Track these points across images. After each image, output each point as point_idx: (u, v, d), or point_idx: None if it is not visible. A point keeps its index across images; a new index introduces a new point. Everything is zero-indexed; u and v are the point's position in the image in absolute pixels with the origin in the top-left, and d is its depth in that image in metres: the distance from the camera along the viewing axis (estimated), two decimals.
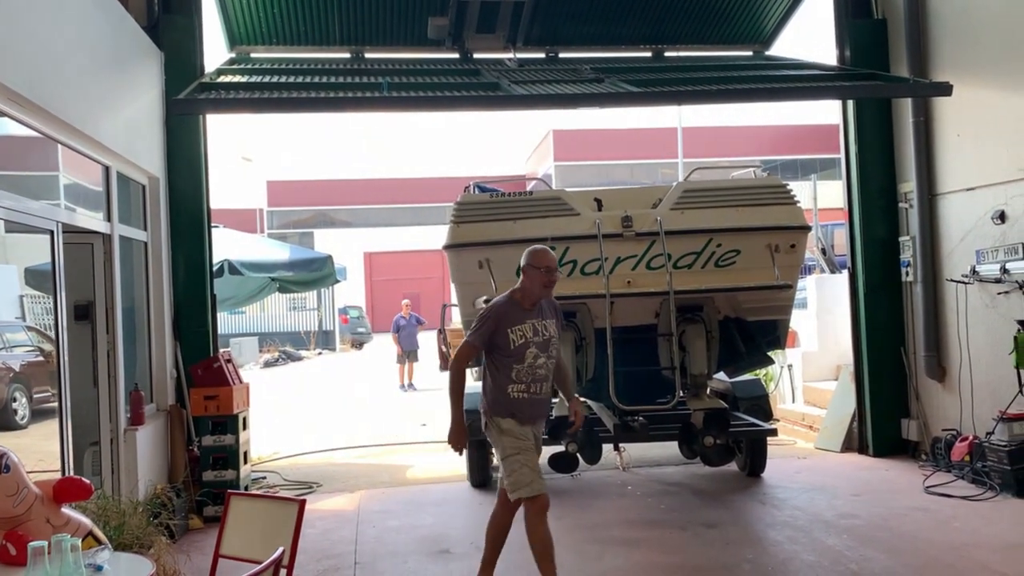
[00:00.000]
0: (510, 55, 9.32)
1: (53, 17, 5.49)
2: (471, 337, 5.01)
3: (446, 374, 15.41)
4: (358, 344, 33.31)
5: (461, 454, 4.54)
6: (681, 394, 6.89)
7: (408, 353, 18.62)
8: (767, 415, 8.29)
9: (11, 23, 4.79)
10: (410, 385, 18.35)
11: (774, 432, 8.16)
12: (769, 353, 8.02)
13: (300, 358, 28.68)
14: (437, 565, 6.04)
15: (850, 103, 9.13)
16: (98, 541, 4.06)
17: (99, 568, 3.62)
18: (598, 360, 7.08)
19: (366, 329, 34.59)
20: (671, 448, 8.62)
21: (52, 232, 5.57)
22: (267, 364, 26.57)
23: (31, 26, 5.10)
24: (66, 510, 4.12)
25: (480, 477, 8.32)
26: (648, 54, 9.98)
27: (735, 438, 7.71)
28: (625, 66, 9.14)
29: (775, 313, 7.27)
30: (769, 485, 7.94)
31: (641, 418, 7.24)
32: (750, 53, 10.16)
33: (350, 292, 34.76)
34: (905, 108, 8.69)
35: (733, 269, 6.89)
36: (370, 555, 6.31)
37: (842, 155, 9.32)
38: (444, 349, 13.99)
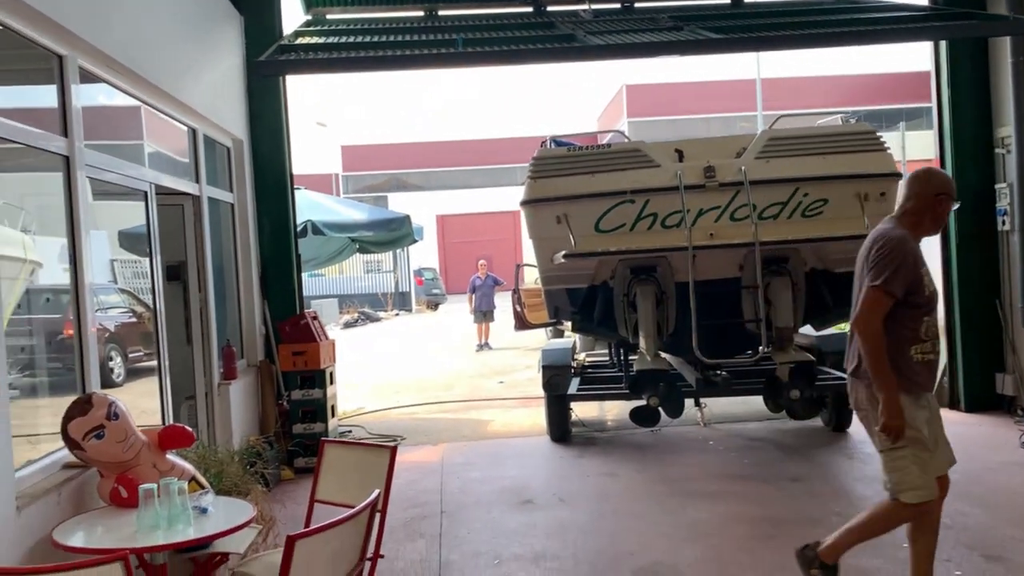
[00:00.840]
0: (584, 7, 9.16)
1: None
2: (885, 283, 3.78)
3: (521, 332, 15.48)
4: (433, 305, 33.69)
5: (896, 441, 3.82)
6: (766, 348, 6.78)
7: (484, 313, 18.77)
8: None
9: None
10: (486, 344, 18.52)
11: None
12: None
13: (378, 319, 29.19)
14: (521, 515, 6.13)
15: (943, 45, 8.73)
16: (201, 486, 4.25)
17: (204, 510, 3.79)
18: (680, 314, 7.01)
19: (440, 290, 34.93)
20: (753, 404, 8.52)
21: (146, 193, 5.76)
22: (347, 325, 27.13)
23: None
24: (171, 456, 4.33)
25: (560, 431, 8.38)
26: (727, 1, 9.68)
27: (821, 392, 7.58)
28: (703, 13, 8.90)
29: None
30: (855, 440, 7.79)
31: (723, 372, 7.17)
32: None
33: (424, 254, 35.09)
34: (1003, 48, 8.24)
35: (820, 219, 6.69)
36: (455, 504, 6.44)
37: (934, 100, 8.94)
38: (518, 309, 14.09)
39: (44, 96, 4.65)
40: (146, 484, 3.69)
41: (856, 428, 8.07)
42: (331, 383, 8.17)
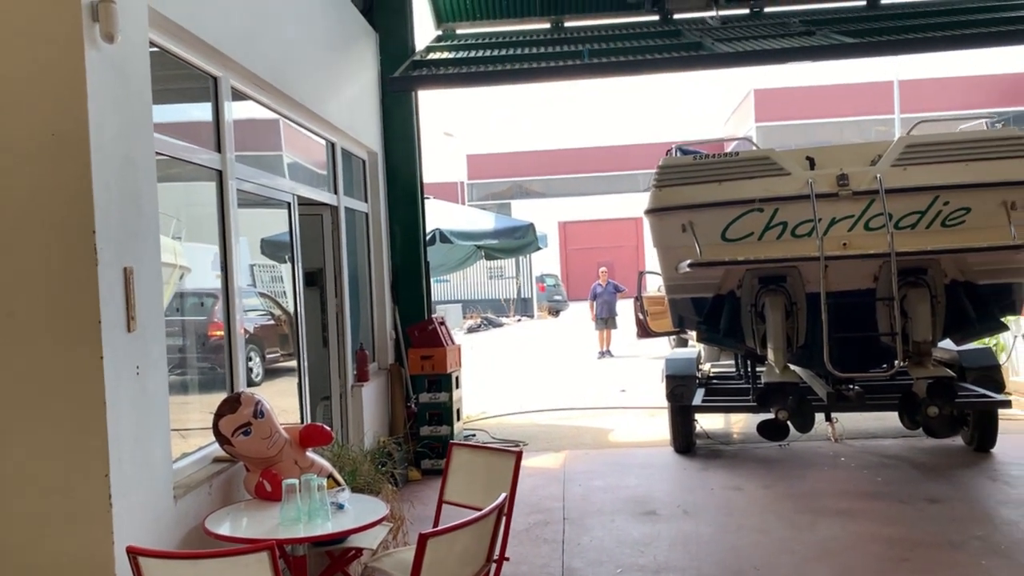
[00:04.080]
0: (712, 13, 9.08)
1: (288, 8, 5.97)
2: None
3: (643, 341, 15.38)
4: (554, 311, 33.88)
5: None
6: (902, 362, 6.51)
7: (606, 320, 18.73)
8: (998, 387, 7.67)
9: (255, 16, 5.27)
10: (608, 351, 18.47)
11: (1007, 404, 7.55)
12: (1003, 320, 7.40)
13: (501, 324, 29.61)
14: (644, 525, 6.12)
15: None
16: (338, 483, 4.47)
17: (341, 506, 3.99)
18: (810, 326, 6.83)
19: (562, 297, 35.10)
20: (887, 419, 8.19)
21: (289, 204, 6.10)
22: (470, 330, 27.65)
23: (270, 17, 5.58)
24: (310, 454, 4.57)
25: (684, 443, 8.30)
26: (862, 3, 9.38)
27: (962, 409, 7.21)
28: (837, 17, 8.66)
29: (1010, 276, 6.68)
30: (1000, 461, 7.37)
31: (856, 387, 6.93)
32: None
33: (546, 261, 35.34)
34: None
35: (962, 229, 6.38)
36: (578, 512, 6.49)
37: None
38: (641, 316, 13.99)
39: (196, 112, 5.01)
40: (289, 479, 3.92)
41: (1001, 448, 7.64)
42: (457, 387, 8.38)
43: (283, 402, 6.21)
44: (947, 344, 7.65)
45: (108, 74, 3.44)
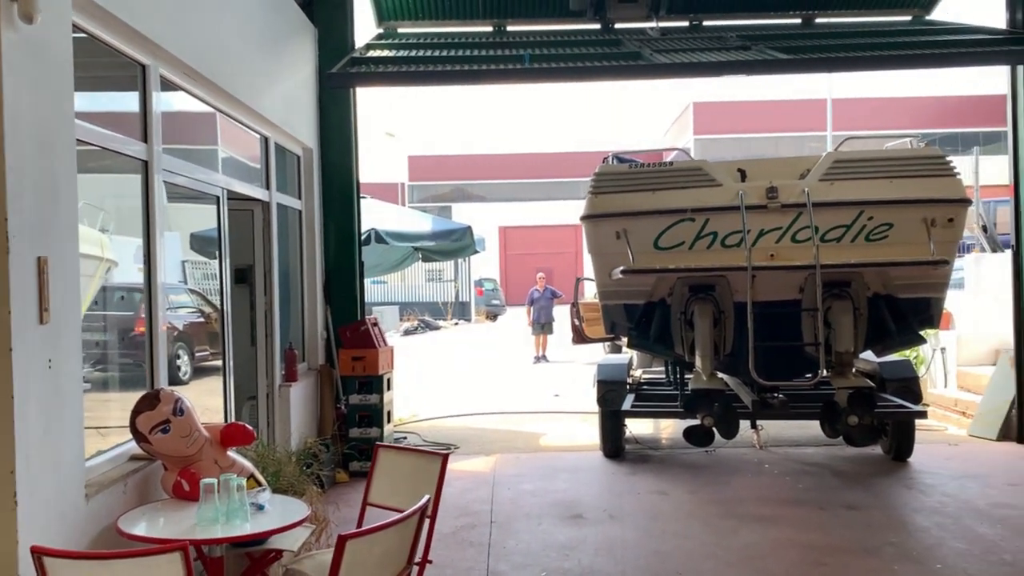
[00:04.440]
0: (652, 24, 9.18)
1: None
2: None
3: (579, 347, 15.46)
4: (492, 316, 33.90)
5: None
6: (825, 372, 6.68)
7: (542, 325, 18.81)
8: (916, 398, 7.92)
9: (187, 3, 5.15)
10: (543, 357, 18.55)
11: (924, 415, 7.82)
12: (921, 333, 7.65)
13: (437, 327, 29.50)
14: (571, 529, 6.15)
15: (1020, 69, 8.51)
16: (259, 483, 4.38)
17: (261, 507, 3.91)
18: (737, 334, 6.96)
19: (500, 301, 35.14)
20: (810, 428, 8.39)
21: (218, 198, 5.98)
22: (406, 332, 27.48)
23: (204, 5, 5.46)
24: (231, 453, 4.47)
25: (613, 448, 8.38)
26: (797, 21, 9.59)
27: (881, 419, 7.42)
28: (773, 33, 8.85)
29: (929, 291, 6.91)
30: (916, 470, 7.62)
31: (780, 395, 7.08)
32: (908, 18, 9.59)
33: (485, 265, 35.36)
34: None
35: (885, 243, 6.58)
36: (505, 515, 6.49)
37: (1009, 125, 8.72)
38: (577, 323, 14.07)
39: (124, 101, 4.87)
40: (207, 479, 3.83)
41: (917, 458, 7.88)
42: (388, 389, 8.31)
43: (211, 401, 6.08)
44: (868, 355, 7.87)
45: (25, 56, 3.32)
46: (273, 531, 3.79)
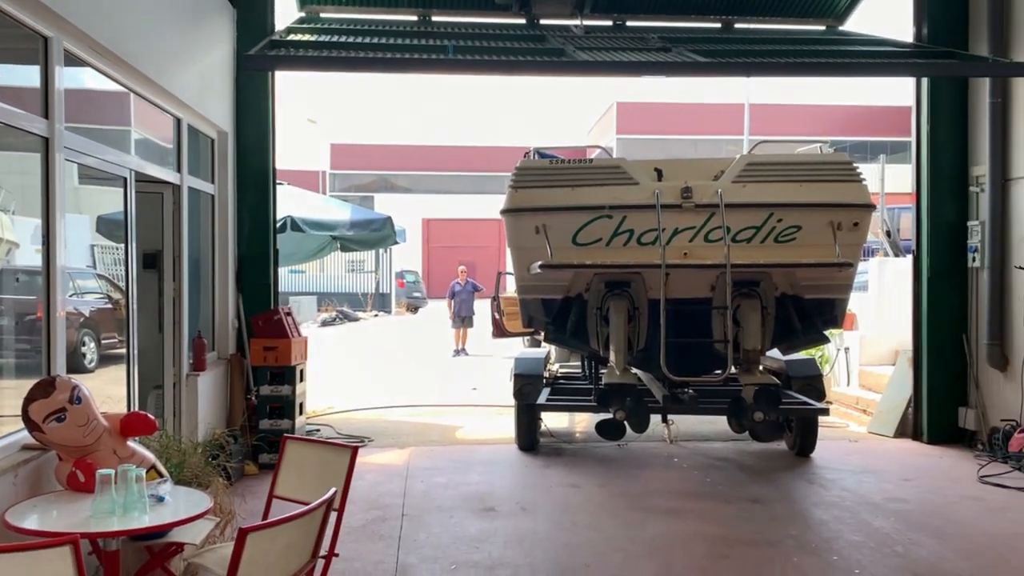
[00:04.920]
0: (577, 22, 9.24)
1: None
2: None
3: (499, 340, 15.49)
4: (413, 308, 33.70)
5: None
6: (733, 369, 6.85)
7: (463, 319, 18.80)
8: (820, 395, 8.21)
9: None
10: (463, 350, 18.53)
11: (826, 412, 8.10)
12: (825, 333, 7.91)
13: (356, 319, 29.16)
14: (482, 522, 6.16)
15: (924, 82, 8.89)
16: (160, 474, 4.26)
17: (161, 499, 3.80)
18: (650, 330, 7.07)
19: (421, 294, 34.94)
20: (719, 423, 8.60)
21: (125, 180, 5.77)
22: (324, 323, 27.09)
23: None
24: (132, 444, 4.34)
25: (528, 441, 8.43)
26: (717, 25, 9.79)
27: (785, 415, 7.66)
28: (693, 36, 9.01)
29: (834, 292, 7.16)
30: (818, 465, 7.88)
31: (691, 390, 7.24)
32: (823, 28, 9.89)
33: (407, 257, 35.11)
34: (982, 88, 8.41)
35: (793, 245, 6.79)
36: (417, 508, 6.46)
37: (913, 136, 9.10)
38: (497, 316, 14.10)
39: (26, 76, 4.66)
40: (103, 470, 3.70)
41: (819, 453, 8.16)
42: (301, 380, 8.17)
43: (117, 390, 5.89)
44: (775, 353, 8.11)
45: None
46: (173, 524, 3.69)
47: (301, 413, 8.23)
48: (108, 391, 6.05)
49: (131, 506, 3.63)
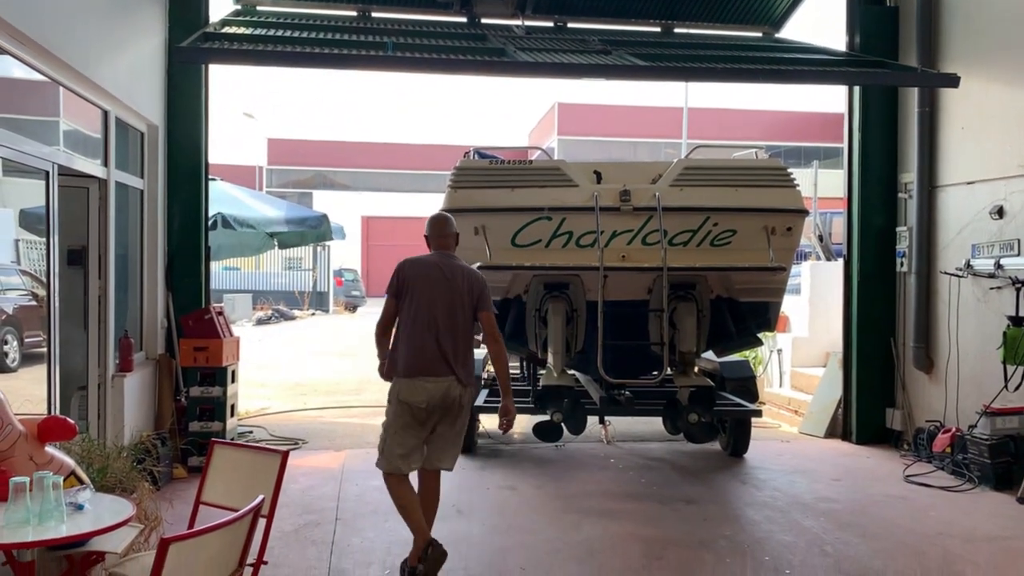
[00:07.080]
0: (518, 22, 9.23)
1: None
2: None
3: None
4: (351, 307, 33.32)
5: None
6: (669, 370, 6.91)
7: None
8: (753, 397, 8.35)
9: None
10: None
11: (759, 414, 8.23)
12: (759, 335, 8.05)
13: (293, 317, 28.69)
14: None
15: (856, 90, 9.10)
16: (80, 481, 4.09)
17: (80, 507, 3.65)
18: (588, 332, 7.10)
19: (360, 292, 34.56)
20: (655, 424, 8.68)
21: (47, 173, 5.55)
22: (260, 321, 26.59)
23: None
24: (50, 449, 4.15)
25: (465, 443, 8.34)
26: (657, 29, 9.88)
27: (719, 417, 7.77)
28: (633, 40, 9.06)
29: (767, 295, 7.29)
30: (751, 466, 8.00)
31: (627, 392, 7.28)
32: (759, 34, 10.06)
33: (346, 255, 34.69)
34: (911, 98, 8.66)
35: (728, 249, 6.88)
36: (352, 512, 6.36)
37: (845, 142, 9.31)
38: None
39: None
40: (17, 477, 3.53)
41: (752, 454, 8.29)
42: (233, 381, 7.98)
43: (40, 391, 5.66)
44: (710, 355, 8.22)
45: None
46: (92, 533, 3.54)
47: (233, 415, 8.05)
48: (31, 392, 5.82)
49: (47, 515, 3.47)
